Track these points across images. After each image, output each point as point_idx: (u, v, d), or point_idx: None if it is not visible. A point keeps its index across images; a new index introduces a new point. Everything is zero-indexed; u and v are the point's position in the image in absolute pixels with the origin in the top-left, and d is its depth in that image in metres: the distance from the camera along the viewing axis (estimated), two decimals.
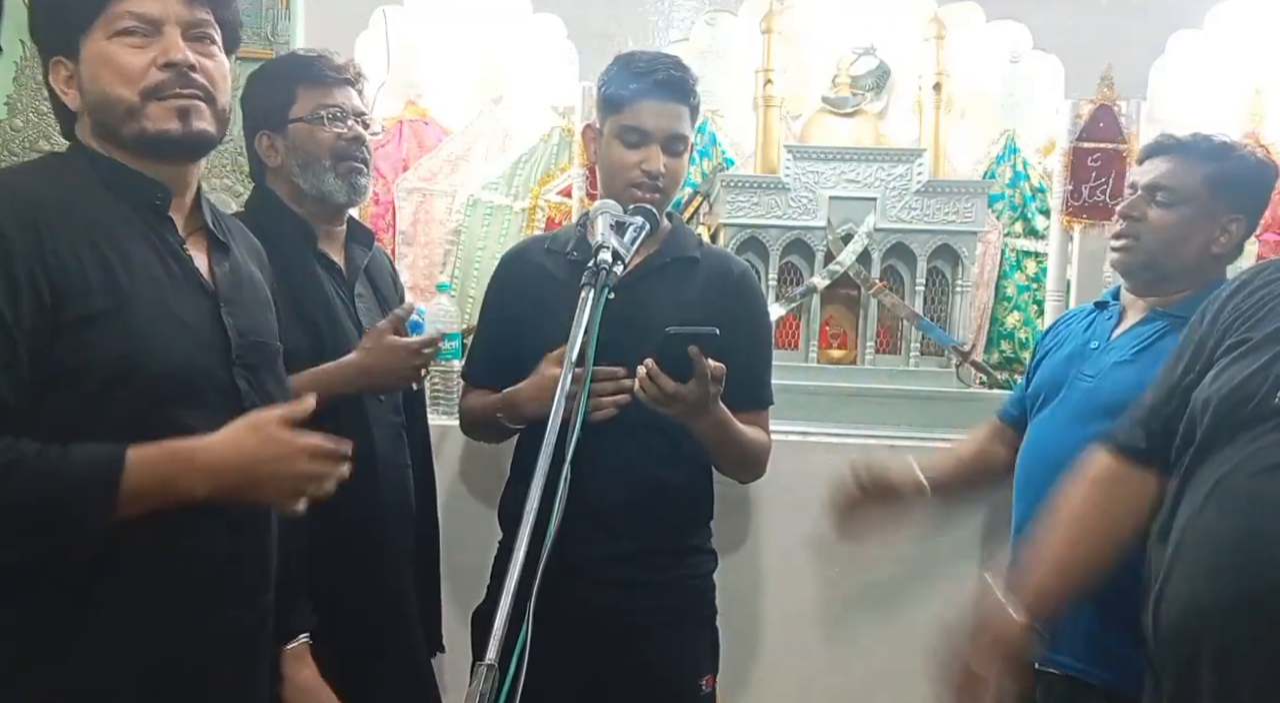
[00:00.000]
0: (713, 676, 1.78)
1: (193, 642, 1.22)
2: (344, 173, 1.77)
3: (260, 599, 1.31)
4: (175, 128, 1.21)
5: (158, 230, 1.24)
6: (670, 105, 1.71)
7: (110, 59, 1.20)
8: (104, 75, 1.20)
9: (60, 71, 1.24)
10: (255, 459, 1.17)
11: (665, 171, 1.70)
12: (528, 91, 2.76)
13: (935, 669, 1.43)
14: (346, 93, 1.79)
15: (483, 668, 1.03)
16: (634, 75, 1.71)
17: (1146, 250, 1.78)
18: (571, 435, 1.25)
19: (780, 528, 2.24)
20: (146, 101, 1.20)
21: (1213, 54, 2.55)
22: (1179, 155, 1.78)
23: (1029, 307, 2.66)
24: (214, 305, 1.26)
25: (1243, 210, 1.77)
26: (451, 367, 2.24)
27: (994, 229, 2.65)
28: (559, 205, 2.63)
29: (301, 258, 1.75)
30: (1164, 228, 1.77)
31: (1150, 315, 1.80)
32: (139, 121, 1.21)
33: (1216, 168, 1.75)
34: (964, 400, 2.32)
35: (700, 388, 1.53)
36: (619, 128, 1.71)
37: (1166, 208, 1.77)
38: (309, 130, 1.75)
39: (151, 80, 1.20)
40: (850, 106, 2.56)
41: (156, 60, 1.20)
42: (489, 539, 1.79)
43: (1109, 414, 1.72)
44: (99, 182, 1.22)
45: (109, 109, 1.21)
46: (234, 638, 1.27)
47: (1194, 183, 1.76)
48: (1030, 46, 2.41)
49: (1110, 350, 1.81)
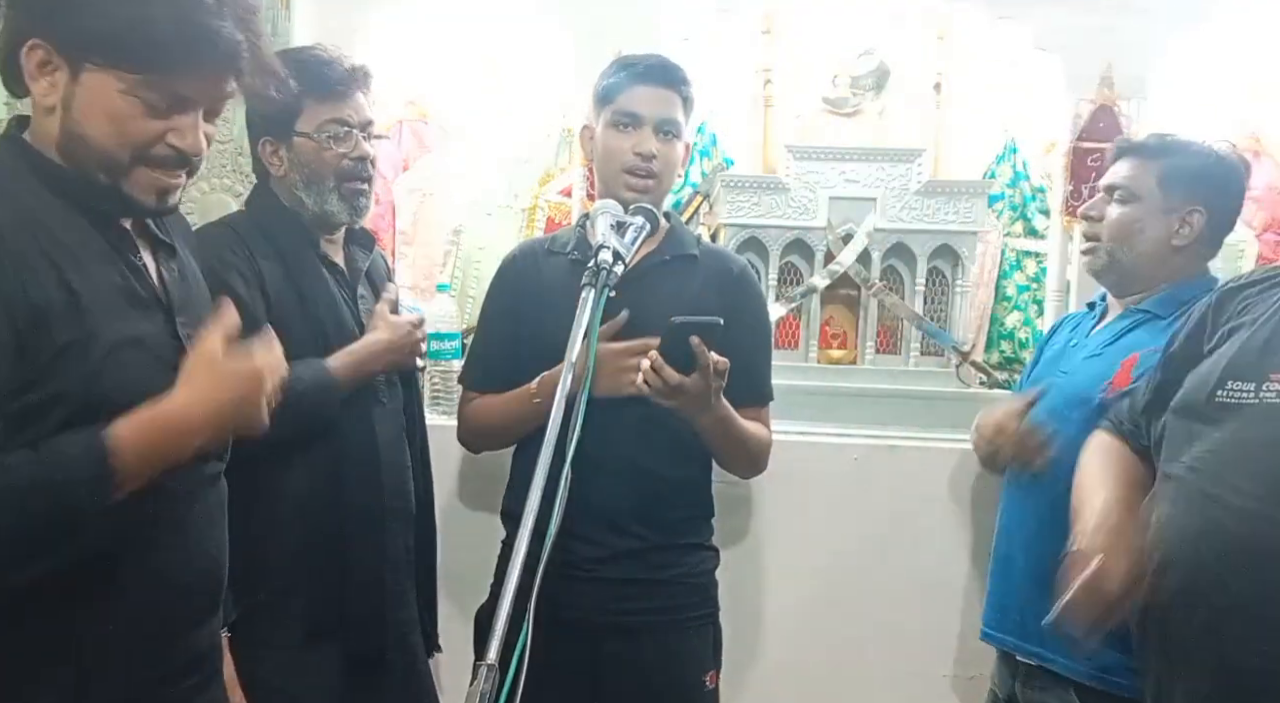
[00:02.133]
0: (715, 672, 1.79)
1: (169, 661, 1.21)
2: (347, 194, 1.75)
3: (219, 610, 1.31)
4: (150, 202, 1.17)
5: (113, 242, 1.17)
6: (661, 90, 1.73)
7: (116, 117, 1.11)
8: (101, 124, 1.11)
9: (38, 55, 1.11)
10: (228, 401, 1.14)
11: (658, 155, 1.72)
12: (528, 92, 2.76)
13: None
14: (355, 103, 1.75)
15: (483, 668, 1.03)
16: (624, 67, 1.75)
17: (1106, 249, 1.85)
18: (572, 435, 1.25)
19: (781, 526, 2.25)
20: (135, 165, 1.13)
21: (1213, 54, 2.55)
22: (1134, 155, 1.86)
23: (1029, 307, 2.66)
24: (169, 319, 1.21)
25: (1201, 202, 1.80)
26: (451, 366, 2.24)
27: (994, 229, 2.65)
28: (559, 205, 2.63)
29: (307, 258, 1.75)
30: (1119, 224, 1.83)
31: (1124, 313, 1.86)
32: (116, 178, 1.13)
33: (1167, 162, 1.81)
34: (964, 400, 2.32)
35: (704, 380, 1.53)
36: (611, 115, 1.74)
37: (1121, 205, 1.84)
38: (315, 149, 1.72)
39: (154, 152, 1.14)
40: (850, 106, 2.56)
41: (167, 137, 1.14)
42: (486, 539, 1.79)
43: (1074, 405, 1.78)
44: (50, 189, 1.13)
45: (88, 151, 1.12)
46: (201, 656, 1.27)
47: (1146, 179, 1.82)
48: (1030, 46, 2.41)
49: (1084, 347, 1.88)
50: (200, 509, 1.25)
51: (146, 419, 1.10)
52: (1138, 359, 1.73)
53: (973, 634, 1.99)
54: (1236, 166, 1.85)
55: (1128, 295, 1.87)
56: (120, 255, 1.17)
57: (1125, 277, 1.85)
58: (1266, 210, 2.61)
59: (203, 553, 1.25)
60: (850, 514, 2.23)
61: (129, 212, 1.19)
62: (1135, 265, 1.83)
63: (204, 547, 1.25)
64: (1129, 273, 1.84)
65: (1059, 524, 1.70)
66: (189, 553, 1.22)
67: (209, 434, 1.16)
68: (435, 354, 2.23)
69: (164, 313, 1.21)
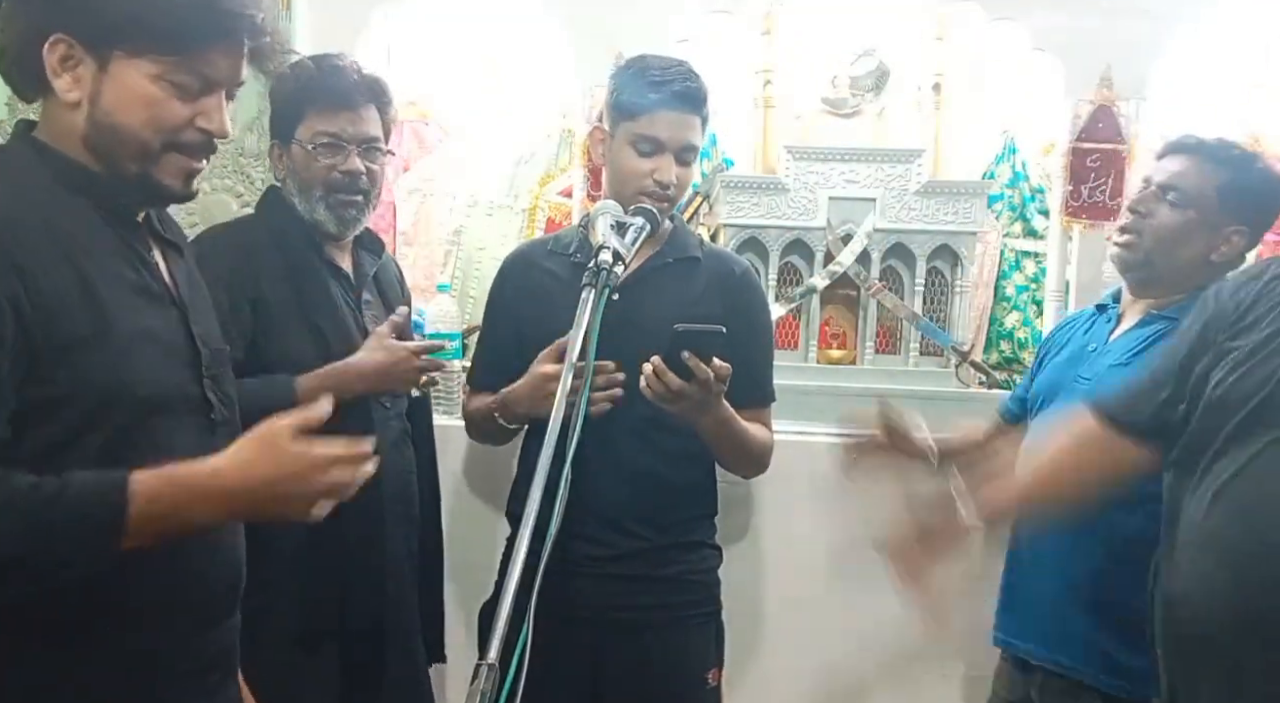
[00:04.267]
0: (718, 669, 1.79)
1: (184, 666, 1.20)
2: (334, 205, 1.75)
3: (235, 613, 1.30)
4: (177, 186, 1.17)
5: (127, 239, 1.17)
6: (685, 116, 1.70)
7: (152, 103, 1.12)
8: (137, 114, 1.12)
9: (62, 49, 1.10)
10: (271, 481, 1.08)
11: (676, 181, 1.71)
12: (528, 92, 2.76)
13: (889, 548, 1.51)
14: (355, 117, 1.74)
15: (483, 667, 1.03)
16: (650, 84, 1.69)
17: (1146, 248, 1.78)
18: (573, 435, 1.26)
19: (781, 525, 2.26)
20: (166, 151, 1.14)
21: (1213, 54, 2.55)
22: (1198, 157, 1.77)
23: (1028, 307, 2.66)
24: (182, 316, 1.20)
25: (1247, 223, 1.75)
26: (452, 366, 2.24)
27: (993, 229, 2.65)
28: (559, 206, 2.63)
29: (309, 263, 1.75)
30: (1168, 228, 1.75)
31: (1147, 318, 1.80)
32: (146, 166, 1.14)
33: (1231, 176, 1.74)
34: (963, 400, 2.33)
35: (703, 388, 1.54)
36: (632, 136, 1.70)
37: (1174, 208, 1.75)
38: (306, 158, 1.74)
39: (184, 137, 1.14)
40: (850, 107, 2.56)
41: (197, 121, 1.14)
42: (493, 541, 1.79)
43: None
44: (66, 186, 1.13)
45: (124, 144, 1.13)
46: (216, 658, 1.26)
47: (1207, 188, 1.74)
48: (1030, 47, 2.41)
49: (1107, 353, 1.81)
50: None
51: (174, 475, 1.06)
52: None
53: (974, 633, 1.99)
54: None
55: (1147, 296, 1.82)
56: (134, 251, 1.18)
57: (1153, 279, 1.80)
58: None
59: (227, 548, 1.25)
60: (850, 514, 2.23)
61: (155, 198, 1.19)
62: (1167, 272, 1.77)
63: (226, 543, 1.25)
64: (1159, 277, 1.79)
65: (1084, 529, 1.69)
66: (214, 549, 1.22)
67: (240, 507, 1.11)
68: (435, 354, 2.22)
69: (178, 309, 1.21)
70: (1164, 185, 1.77)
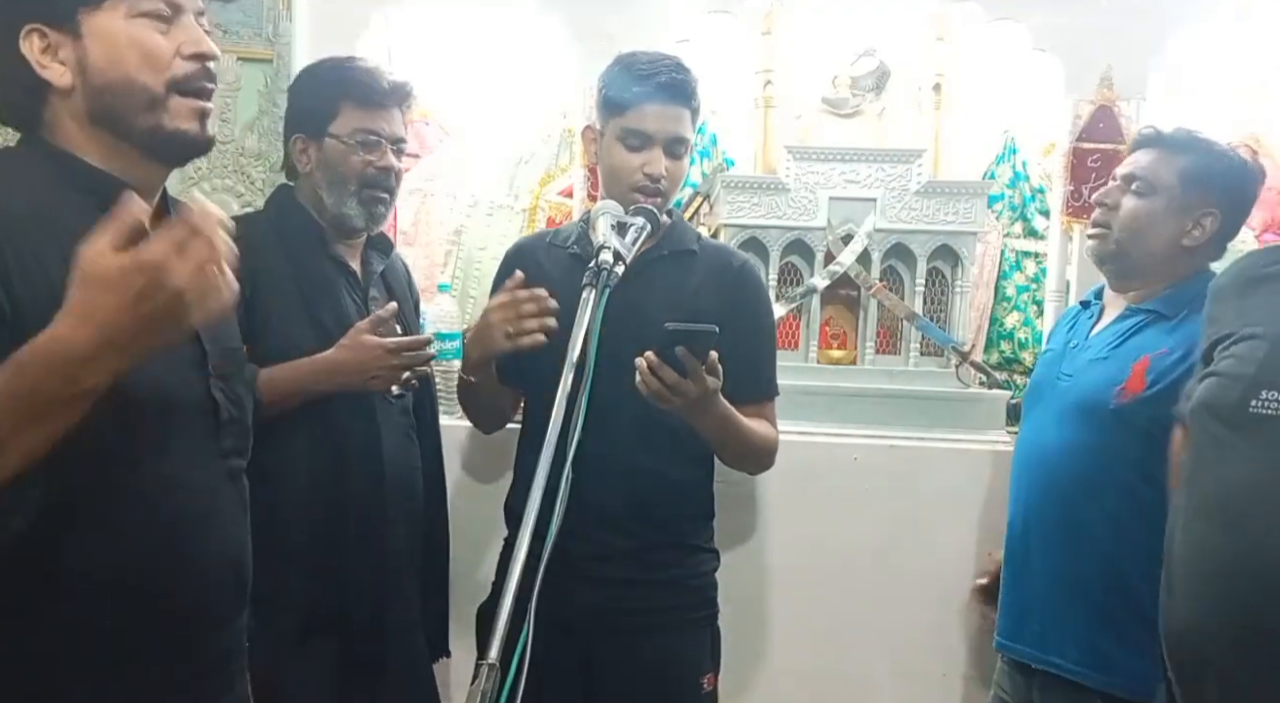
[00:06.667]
0: (714, 674, 1.78)
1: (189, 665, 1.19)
2: (366, 200, 1.78)
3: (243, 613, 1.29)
4: (194, 130, 1.16)
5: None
6: (672, 108, 1.70)
7: (137, 41, 1.11)
8: (129, 57, 1.11)
9: (36, 40, 1.11)
10: (119, 308, 0.95)
11: (667, 174, 1.71)
12: (528, 92, 2.76)
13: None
14: (390, 117, 1.79)
15: (484, 667, 1.03)
16: (636, 78, 1.70)
17: (1115, 238, 1.81)
18: (573, 436, 1.25)
19: (781, 526, 2.25)
20: (170, 94, 1.13)
21: (1213, 54, 2.55)
22: (1158, 147, 1.81)
23: (1028, 307, 2.66)
24: None
25: (1216, 205, 1.77)
26: (452, 366, 2.23)
27: (993, 230, 2.65)
28: (559, 206, 2.63)
29: (315, 260, 1.76)
30: (1134, 217, 1.79)
31: (1126, 312, 1.83)
32: (158, 115, 1.13)
33: (1191, 160, 1.78)
34: (964, 401, 2.33)
35: (699, 383, 1.53)
36: (621, 131, 1.71)
37: (1138, 197, 1.79)
38: (343, 152, 1.76)
39: (179, 71, 1.13)
40: (850, 107, 2.56)
41: (182, 49, 1.14)
42: (496, 540, 1.79)
43: (1085, 411, 1.74)
44: (67, 185, 1.13)
45: (128, 96, 1.12)
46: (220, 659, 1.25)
47: (1168, 174, 1.78)
48: (1030, 46, 2.41)
49: (1088, 348, 1.84)
50: (225, 505, 1.24)
51: (17, 361, 0.96)
52: (1149, 362, 1.71)
53: (974, 634, 1.99)
54: (1255, 173, 1.82)
55: (1126, 289, 1.84)
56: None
57: (1128, 269, 1.83)
58: (1267, 210, 2.61)
59: (231, 546, 1.24)
60: (850, 514, 2.24)
61: (176, 152, 1.18)
62: (1142, 260, 1.80)
63: (230, 542, 1.24)
64: (1134, 266, 1.82)
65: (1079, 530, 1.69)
66: (217, 548, 1.21)
67: (111, 358, 0.97)
68: (441, 355, 2.23)
69: None
70: (1127, 176, 1.82)
